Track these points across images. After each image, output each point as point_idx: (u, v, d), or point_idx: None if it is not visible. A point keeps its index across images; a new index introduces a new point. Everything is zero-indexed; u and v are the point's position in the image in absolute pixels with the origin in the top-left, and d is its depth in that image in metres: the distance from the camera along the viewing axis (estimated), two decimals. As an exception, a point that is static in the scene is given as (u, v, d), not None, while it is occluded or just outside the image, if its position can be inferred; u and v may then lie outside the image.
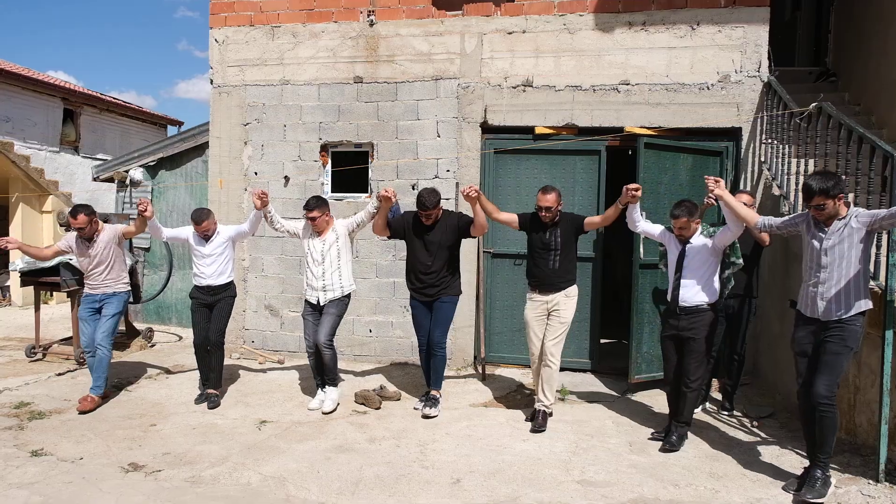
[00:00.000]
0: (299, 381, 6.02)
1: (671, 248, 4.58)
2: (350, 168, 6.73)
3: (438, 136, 6.53)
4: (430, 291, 5.10)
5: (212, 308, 5.39)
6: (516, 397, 5.58)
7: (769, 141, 5.76)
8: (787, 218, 4.05)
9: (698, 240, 4.48)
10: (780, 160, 5.50)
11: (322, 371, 5.20)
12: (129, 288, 5.57)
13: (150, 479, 3.85)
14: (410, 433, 4.67)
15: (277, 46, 6.81)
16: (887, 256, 3.85)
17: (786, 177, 5.32)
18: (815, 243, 3.72)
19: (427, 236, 5.08)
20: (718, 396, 5.42)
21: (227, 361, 6.63)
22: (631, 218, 4.72)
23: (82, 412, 4.99)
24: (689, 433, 4.57)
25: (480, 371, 6.25)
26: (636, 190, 4.47)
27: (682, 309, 4.44)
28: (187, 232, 5.47)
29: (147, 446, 4.36)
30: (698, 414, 5.16)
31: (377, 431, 4.70)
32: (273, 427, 4.77)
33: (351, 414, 5.08)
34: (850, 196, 4.50)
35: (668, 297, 4.57)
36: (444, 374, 5.38)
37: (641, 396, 5.63)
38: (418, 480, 3.88)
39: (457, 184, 6.45)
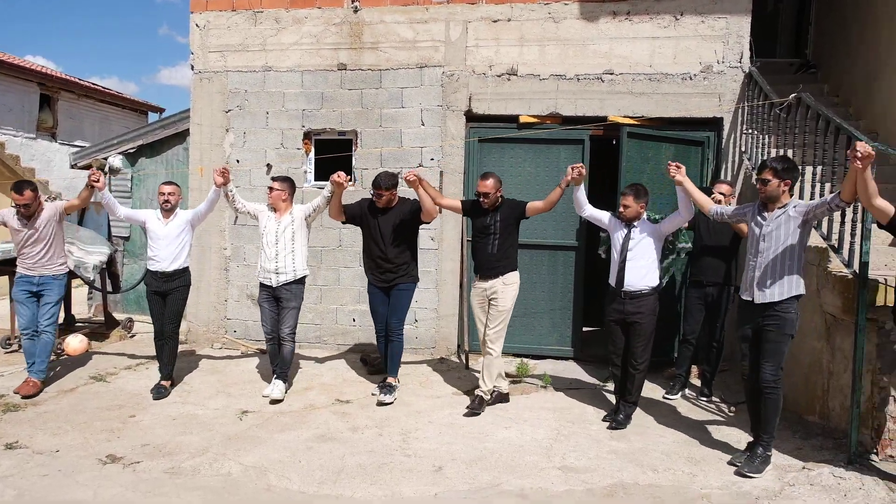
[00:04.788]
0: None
1: (617, 232, 4.65)
2: (333, 156, 6.69)
3: (423, 125, 6.51)
4: (388, 277, 5.13)
5: (165, 297, 5.29)
6: (499, 385, 5.61)
7: (750, 131, 5.81)
8: (737, 207, 4.20)
9: (644, 225, 4.59)
10: (760, 150, 5.55)
11: (278, 361, 5.22)
12: (67, 270, 5.47)
13: (128, 470, 3.82)
14: (393, 421, 4.69)
15: (260, 32, 6.74)
16: (861, 245, 3.91)
17: (766, 167, 5.37)
18: (756, 229, 3.89)
19: (381, 222, 5.10)
20: (698, 383, 5.49)
21: (208, 351, 6.64)
22: (577, 201, 4.80)
23: (26, 396, 4.96)
24: (669, 419, 4.64)
25: (464, 359, 6.27)
26: (581, 168, 4.56)
27: (626, 293, 4.54)
28: (146, 214, 5.38)
29: (126, 438, 4.32)
30: (677, 400, 5.24)
31: (360, 420, 4.70)
32: (254, 417, 4.76)
33: (333, 403, 5.08)
34: (827, 186, 4.57)
35: (613, 282, 4.64)
36: (416, 361, 5.40)
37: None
38: (400, 468, 3.90)
39: (441, 172, 6.45)
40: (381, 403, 5.00)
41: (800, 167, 4.85)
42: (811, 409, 4.64)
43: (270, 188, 5.23)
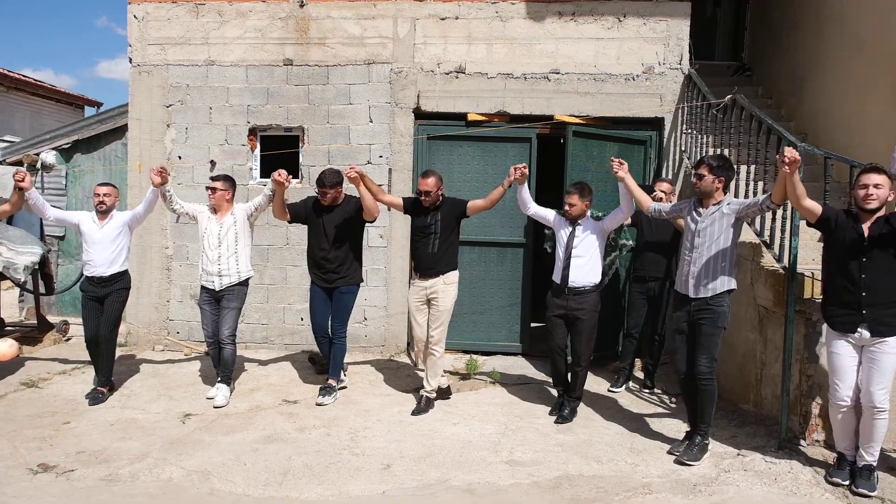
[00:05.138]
0: (227, 370, 5.89)
1: (562, 230, 4.74)
2: (280, 152, 6.58)
3: (371, 122, 6.47)
4: (330, 277, 5.05)
5: (103, 301, 5.05)
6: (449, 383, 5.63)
7: (689, 131, 6.00)
8: (674, 203, 4.33)
9: (588, 222, 4.70)
10: (699, 149, 5.73)
11: (220, 365, 5.12)
12: None
13: (61, 479, 3.67)
14: (342, 421, 4.65)
15: (202, 25, 6.57)
16: (790, 240, 4.10)
17: (704, 166, 5.55)
18: (692, 224, 4.02)
19: (326, 221, 5.03)
20: (641, 375, 5.65)
21: (150, 354, 6.44)
22: (521, 199, 4.86)
23: None
24: (614, 411, 4.76)
25: (413, 358, 6.27)
26: (524, 168, 4.61)
27: (570, 289, 4.63)
28: (80, 216, 5.12)
29: (59, 446, 4.14)
30: (622, 392, 5.37)
31: (307, 420, 4.65)
32: (198, 420, 4.65)
33: (280, 404, 5.01)
34: (760, 184, 4.76)
35: (557, 278, 4.73)
36: (365, 360, 5.38)
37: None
38: (348, 467, 3.88)
39: (389, 169, 6.43)
40: (319, 405, 4.96)
41: (735, 166, 5.05)
42: (745, 397, 4.84)
43: (213, 189, 5.06)
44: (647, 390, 5.43)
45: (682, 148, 6.14)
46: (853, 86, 6.01)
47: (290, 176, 4.94)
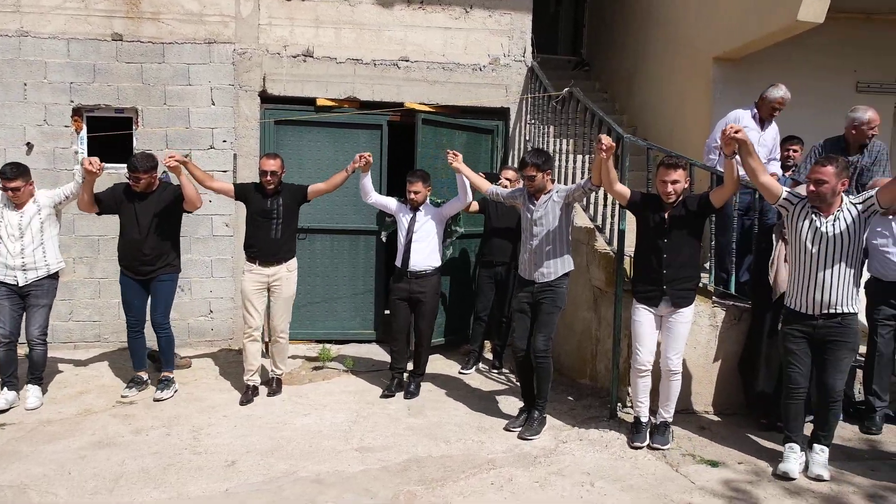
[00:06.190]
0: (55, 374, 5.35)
1: (404, 216, 4.93)
2: (110, 135, 6.04)
3: (213, 104, 6.13)
4: (145, 270, 4.75)
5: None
6: (301, 373, 5.52)
7: (533, 121, 6.29)
8: (510, 189, 4.57)
9: (428, 208, 4.92)
10: (542, 139, 6.03)
11: (30, 367, 4.66)
12: None
13: None
14: (184, 419, 4.41)
15: (12, -10, 5.85)
16: (618, 224, 4.44)
17: (546, 155, 5.86)
18: (528, 214, 4.26)
19: (139, 209, 4.70)
20: (490, 356, 5.87)
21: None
22: (363, 188, 4.96)
23: None
24: (464, 392, 4.94)
25: (264, 349, 6.06)
26: (368, 157, 4.70)
27: (412, 273, 4.83)
28: None
29: None
30: (472, 374, 5.56)
31: (145, 422, 4.35)
32: (14, 429, 4.18)
33: (114, 406, 4.64)
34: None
35: (399, 263, 4.91)
36: (212, 354, 5.16)
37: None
38: (189, 467, 3.68)
39: (234, 155, 6.14)
40: (157, 400, 4.71)
41: (573, 156, 5.39)
42: (583, 373, 5.20)
43: (13, 190, 4.43)
44: (495, 371, 5.66)
45: (527, 137, 6.42)
46: (675, 83, 6.61)
47: (103, 164, 4.52)
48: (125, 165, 4.77)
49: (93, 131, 6.11)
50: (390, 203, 5.05)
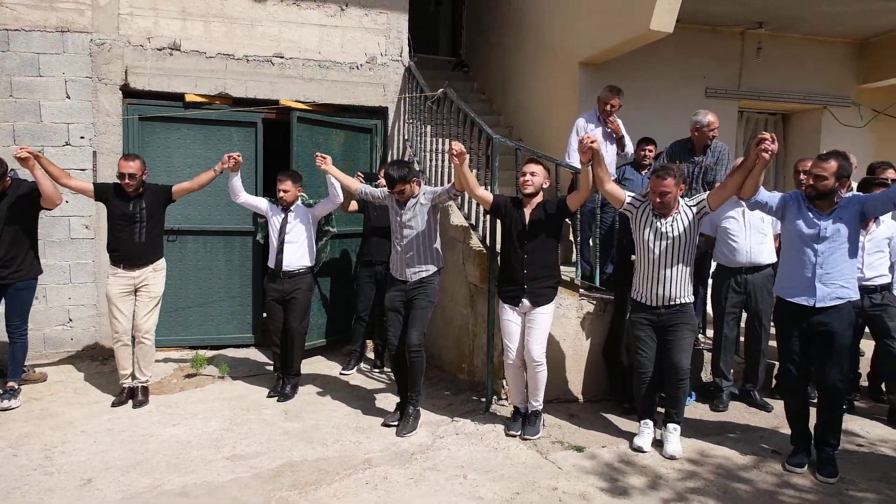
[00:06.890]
0: None
1: (275, 216, 4.92)
2: (-55, 130, 5.47)
3: (68, 98, 5.69)
4: (1, 273, 4.51)
5: None
6: (171, 381, 5.26)
7: (411, 121, 6.34)
8: (380, 189, 4.64)
9: (299, 209, 4.93)
10: (419, 139, 6.10)
11: None
12: None
13: None
14: (34, 438, 4.07)
15: None
16: (490, 223, 4.58)
17: (424, 154, 5.92)
18: (397, 217, 4.35)
19: None
20: (372, 356, 5.87)
21: None
22: (232, 188, 4.90)
23: None
24: (344, 393, 4.93)
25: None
26: (238, 157, 4.66)
27: (285, 273, 4.85)
28: None
29: None
30: (353, 374, 5.53)
31: (-12, 443, 3.99)
32: None
33: (-48, 428, 4.22)
34: (474, 171, 5.22)
35: (272, 263, 4.91)
36: (70, 364, 4.82)
37: (304, 364, 5.78)
38: (38, 489, 3.41)
39: (94, 152, 5.74)
40: (5, 409, 4.42)
41: (447, 154, 5.46)
42: (461, 368, 5.32)
43: None
44: (377, 370, 5.66)
45: (406, 137, 6.47)
46: (545, 86, 6.89)
47: None
48: None
49: (-76, 125, 5.51)
50: (261, 203, 5.02)
